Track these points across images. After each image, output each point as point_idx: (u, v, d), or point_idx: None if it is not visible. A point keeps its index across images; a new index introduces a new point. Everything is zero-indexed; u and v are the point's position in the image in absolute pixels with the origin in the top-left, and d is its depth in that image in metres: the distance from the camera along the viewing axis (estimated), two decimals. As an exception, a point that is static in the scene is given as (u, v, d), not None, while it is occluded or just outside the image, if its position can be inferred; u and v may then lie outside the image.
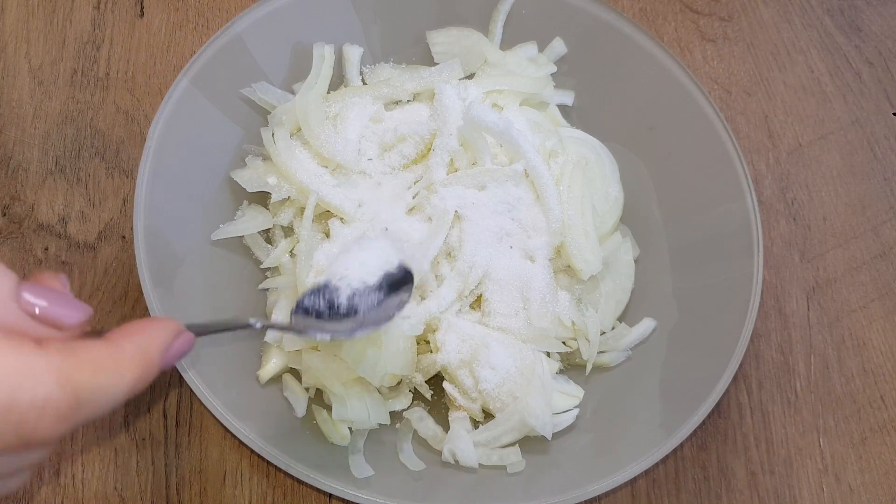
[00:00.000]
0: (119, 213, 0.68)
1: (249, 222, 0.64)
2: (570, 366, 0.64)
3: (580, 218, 0.63)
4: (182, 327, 0.40)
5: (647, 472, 0.62)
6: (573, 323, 0.62)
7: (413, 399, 0.61)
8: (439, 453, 0.59)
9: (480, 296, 0.62)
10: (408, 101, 0.69)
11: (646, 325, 0.64)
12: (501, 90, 0.68)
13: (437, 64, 0.70)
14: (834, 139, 0.78)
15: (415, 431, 0.60)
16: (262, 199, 0.66)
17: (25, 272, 0.65)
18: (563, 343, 0.62)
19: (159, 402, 0.62)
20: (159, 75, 0.74)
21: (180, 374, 0.55)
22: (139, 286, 0.56)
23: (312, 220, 0.61)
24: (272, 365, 0.60)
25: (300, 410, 0.59)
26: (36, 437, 0.33)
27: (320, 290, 0.53)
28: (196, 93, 0.62)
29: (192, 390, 0.54)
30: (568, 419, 0.61)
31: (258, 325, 0.48)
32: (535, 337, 0.60)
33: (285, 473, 0.55)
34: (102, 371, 0.35)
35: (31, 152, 0.69)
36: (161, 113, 0.61)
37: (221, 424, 0.54)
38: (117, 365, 0.35)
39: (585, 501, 0.54)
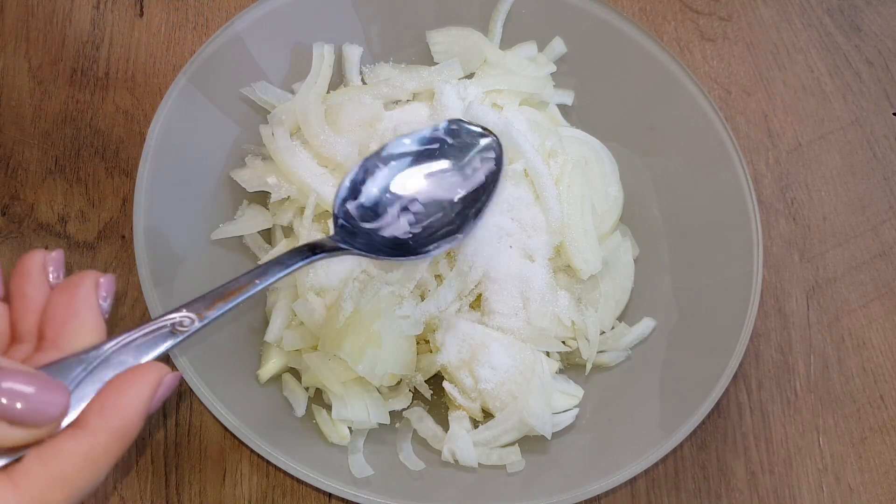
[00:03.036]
0: (119, 213, 0.68)
1: (249, 222, 0.64)
2: (570, 365, 0.64)
3: (580, 217, 0.63)
4: (164, 373, 0.38)
5: (646, 471, 0.62)
6: (573, 322, 0.62)
7: (413, 399, 0.61)
8: (439, 453, 0.59)
9: (480, 295, 0.62)
10: (407, 100, 0.69)
11: (645, 325, 0.64)
12: (501, 90, 0.68)
13: (436, 63, 0.70)
14: (834, 139, 0.78)
15: (415, 431, 0.60)
16: (261, 198, 0.66)
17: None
18: (563, 343, 0.62)
19: (159, 402, 0.62)
20: (159, 75, 0.74)
21: (180, 374, 0.55)
22: (139, 286, 0.56)
23: (312, 220, 0.61)
24: (272, 364, 0.60)
25: (300, 410, 0.59)
26: None
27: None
28: (196, 92, 0.62)
29: (192, 390, 0.54)
30: (567, 419, 0.61)
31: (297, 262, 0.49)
32: (534, 337, 0.60)
33: (285, 473, 0.55)
34: (78, 477, 0.35)
35: (31, 152, 0.69)
36: (161, 112, 0.61)
37: (221, 424, 0.54)
38: (95, 464, 0.35)
39: (585, 501, 0.54)
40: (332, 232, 0.55)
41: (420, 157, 0.59)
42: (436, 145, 0.59)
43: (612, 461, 0.56)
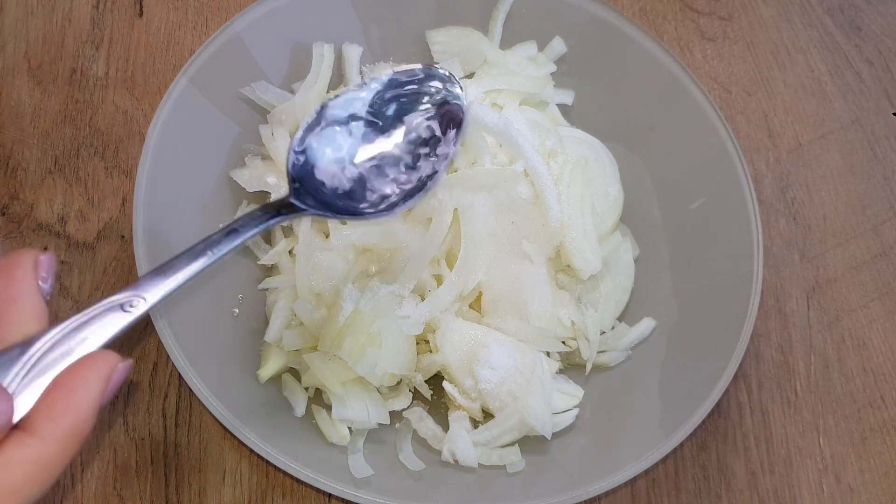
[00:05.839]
0: (118, 213, 0.68)
1: (249, 222, 0.64)
2: (570, 365, 0.64)
3: (580, 217, 0.63)
4: (115, 362, 0.35)
5: (646, 471, 0.62)
6: (573, 322, 0.62)
7: (413, 399, 0.61)
8: (439, 453, 0.59)
9: (480, 295, 0.62)
10: (407, 100, 0.69)
11: (646, 325, 0.64)
12: (501, 89, 0.68)
13: (436, 63, 0.70)
14: (834, 138, 0.78)
15: (414, 431, 0.60)
16: (261, 198, 0.66)
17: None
18: (563, 343, 0.62)
19: (159, 402, 0.62)
20: (158, 74, 0.74)
21: (179, 374, 0.55)
22: (138, 286, 0.56)
23: (312, 220, 0.61)
24: (272, 364, 0.60)
25: (300, 410, 0.59)
26: None
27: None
28: (195, 92, 0.62)
29: (191, 390, 0.54)
30: (568, 419, 0.60)
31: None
32: (534, 337, 0.60)
33: (285, 473, 0.55)
34: (29, 487, 0.32)
35: (31, 152, 0.69)
36: (160, 112, 0.61)
37: (221, 424, 0.54)
38: (47, 471, 0.33)
39: (585, 501, 0.54)
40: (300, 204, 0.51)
41: (373, 114, 0.56)
42: (389, 98, 0.56)
43: (612, 461, 0.56)
